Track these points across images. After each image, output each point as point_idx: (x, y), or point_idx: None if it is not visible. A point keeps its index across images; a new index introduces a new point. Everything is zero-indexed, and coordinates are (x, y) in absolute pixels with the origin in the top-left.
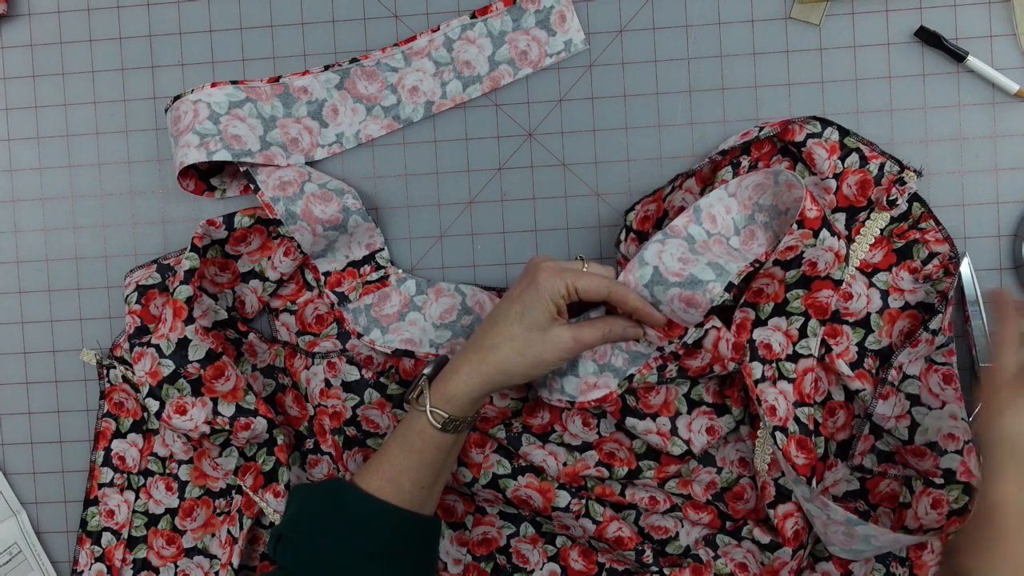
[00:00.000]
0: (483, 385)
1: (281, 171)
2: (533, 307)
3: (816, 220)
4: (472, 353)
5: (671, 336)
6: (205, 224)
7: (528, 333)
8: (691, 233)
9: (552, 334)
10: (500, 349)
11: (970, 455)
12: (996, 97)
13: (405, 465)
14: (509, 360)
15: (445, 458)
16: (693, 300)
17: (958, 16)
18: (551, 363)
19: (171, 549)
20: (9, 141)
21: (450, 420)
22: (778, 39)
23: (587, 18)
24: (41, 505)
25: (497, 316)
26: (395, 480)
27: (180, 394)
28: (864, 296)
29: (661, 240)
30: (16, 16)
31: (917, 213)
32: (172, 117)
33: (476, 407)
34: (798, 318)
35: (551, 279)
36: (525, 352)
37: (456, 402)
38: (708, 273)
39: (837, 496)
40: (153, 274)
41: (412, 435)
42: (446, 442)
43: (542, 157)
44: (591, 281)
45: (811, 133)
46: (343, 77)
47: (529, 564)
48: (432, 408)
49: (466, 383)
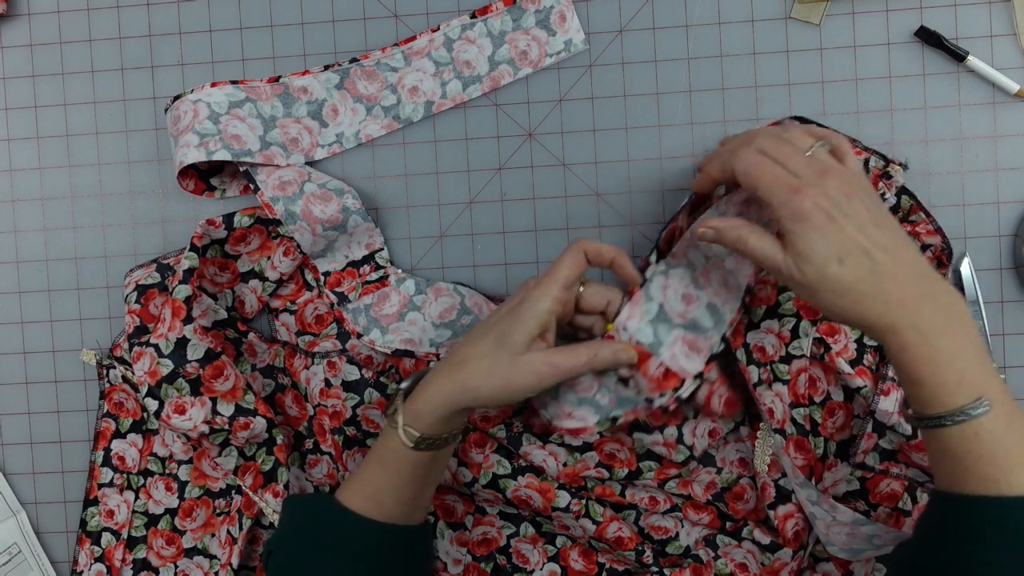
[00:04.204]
0: (448, 403)
1: (281, 171)
2: (513, 325)
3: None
4: (443, 367)
5: (664, 388)
6: (205, 224)
7: (499, 352)
8: (691, 260)
9: (524, 358)
10: (468, 366)
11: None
12: (996, 97)
13: (384, 484)
14: (475, 379)
15: (425, 475)
16: (696, 345)
17: (958, 16)
18: (522, 389)
19: (171, 549)
20: (9, 141)
21: (422, 439)
22: (778, 39)
23: (587, 18)
24: (41, 505)
25: (476, 330)
26: (375, 498)
27: (179, 394)
28: None
29: (665, 272)
30: (16, 16)
31: (907, 206)
32: (172, 117)
33: (451, 425)
34: (790, 319)
35: (540, 296)
36: (493, 372)
37: (424, 420)
38: (707, 319)
39: (837, 496)
40: (153, 273)
41: (388, 453)
42: (423, 460)
43: (542, 157)
44: (567, 264)
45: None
46: (343, 77)
47: (529, 564)
48: (405, 426)
49: (432, 400)
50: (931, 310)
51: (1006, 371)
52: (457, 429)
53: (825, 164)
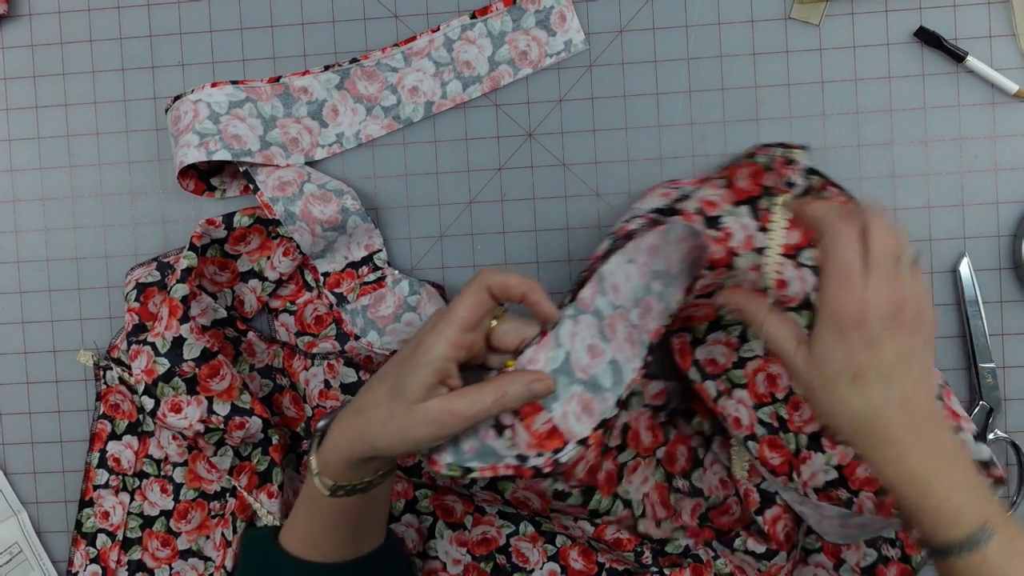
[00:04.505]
0: (350, 452)
1: (280, 171)
2: (406, 373)
3: (724, 258)
4: (346, 413)
5: (544, 448)
6: (204, 223)
7: (393, 402)
8: (599, 307)
9: (422, 408)
10: (365, 415)
11: (949, 397)
12: (996, 97)
13: (315, 529)
14: (372, 430)
15: (357, 517)
16: (590, 406)
17: (958, 16)
18: (422, 440)
19: (166, 551)
20: (10, 141)
21: (337, 487)
22: (778, 39)
23: (587, 18)
24: (42, 505)
25: (377, 373)
26: (311, 542)
27: (175, 392)
28: (797, 278)
29: (574, 317)
30: (17, 16)
31: (817, 184)
32: (172, 117)
33: (365, 473)
34: (735, 327)
35: (434, 342)
36: (387, 423)
37: (333, 468)
38: (607, 378)
39: (817, 488)
40: (153, 272)
41: (311, 500)
42: (349, 505)
43: (542, 157)
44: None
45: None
46: (343, 77)
47: (529, 564)
48: (318, 473)
49: (336, 449)
50: (924, 453)
51: (1006, 371)
52: (380, 473)
53: (910, 294)
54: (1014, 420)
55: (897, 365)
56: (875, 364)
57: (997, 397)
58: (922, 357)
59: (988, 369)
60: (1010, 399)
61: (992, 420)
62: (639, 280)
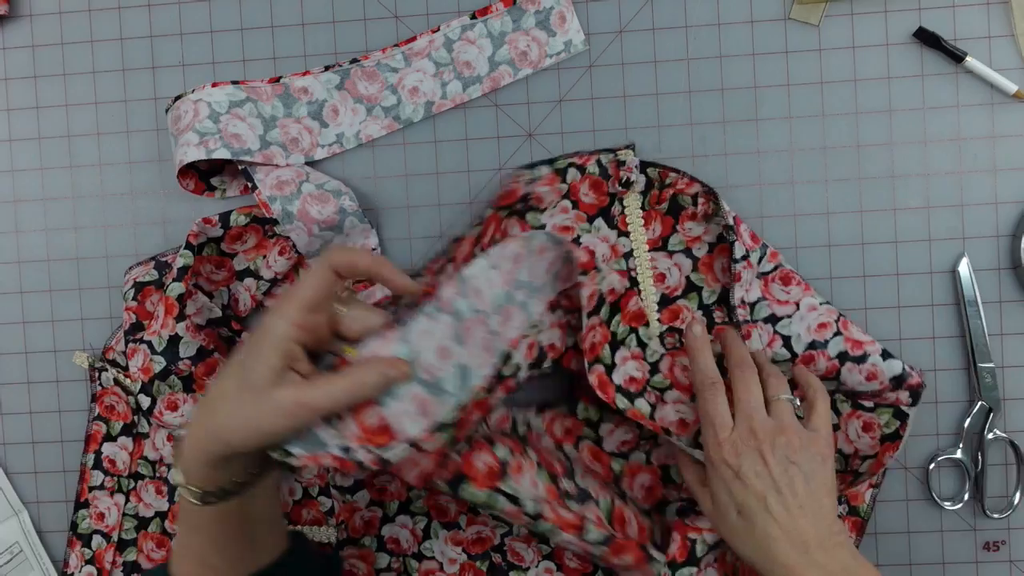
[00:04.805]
0: (206, 453)
1: (279, 170)
2: (251, 359)
3: (590, 261)
4: (198, 410)
5: (372, 443)
6: (201, 222)
7: (242, 392)
8: (458, 308)
9: (271, 397)
10: (215, 409)
11: (846, 327)
12: (995, 98)
13: (201, 547)
14: (222, 425)
15: (243, 526)
16: (427, 407)
17: (957, 17)
18: (274, 434)
19: (161, 552)
20: (11, 142)
21: (206, 493)
22: (778, 39)
23: (587, 19)
24: (42, 505)
25: (227, 364)
26: (203, 562)
27: (172, 390)
28: (673, 266)
29: (432, 315)
30: (18, 17)
31: (656, 176)
32: (172, 117)
33: (233, 473)
34: (631, 338)
35: (275, 321)
36: (237, 416)
37: (195, 473)
38: (451, 382)
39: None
40: (151, 271)
41: (186, 513)
42: (227, 512)
43: (542, 157)
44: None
45: (528, 180)
46: (343, 77)
47: (524, 562)
48: (184, 483)
49: (192, 451)
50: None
51: (1005, 371)
52: (251, 473)
53: (782, 423)
54: (1013, 420)
55: (775, 495)
56: (752, 494)
57: (996, 397)
58: (811, 478)
59: (987, 369)
60: (1009, 399)
61: (991, 420)
62: (501, 287)
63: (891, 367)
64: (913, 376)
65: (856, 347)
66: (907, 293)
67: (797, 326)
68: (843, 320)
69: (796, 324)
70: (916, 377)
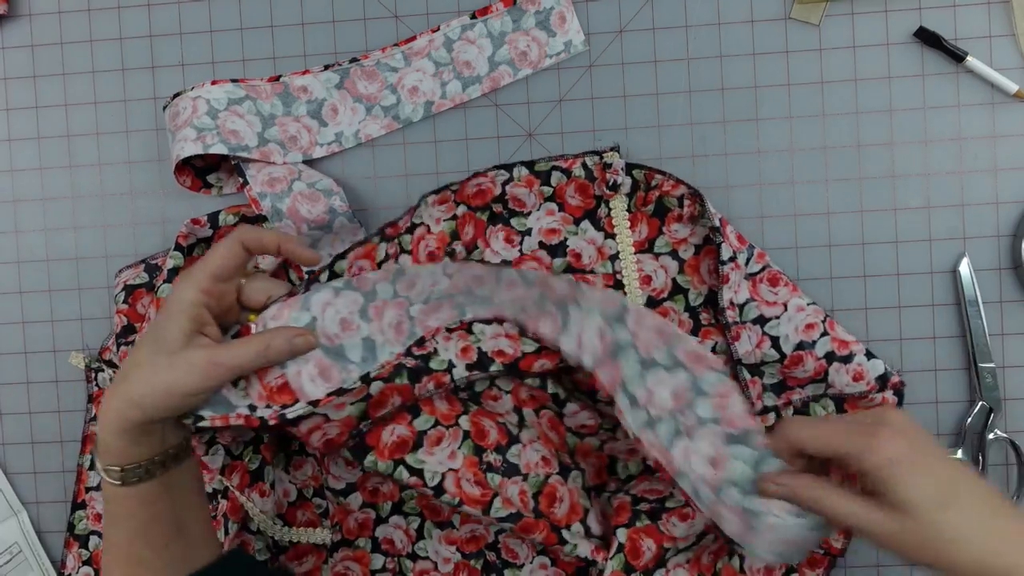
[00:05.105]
0: (121, 423)
1: (271, 167)
2: (163, 324)
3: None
4: (113, 384)
5: (273, 401)
6: (189, 223)
7: (156, 356)
8: (377, 291)
9: (183, 357)
10: (130, 376)
11: (832, 327)
12: (995, 97)
13: (127, 540)
14: (138, 389)
15: (169, 507)
16: (328, 372)
17: (957, 16)
18: (188, 392)
19: None
20: (10, 141)
21: (125, 471)
22: (778, 39)
23: (587, 19)
24: (42, 505)
25: (139, 335)
26: (132, 559)
27: None
28: (659, 268)
29: (338, 289)
30: (17, 17)
31: (641, 177)
32: (170, 113)
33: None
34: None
35: (185, 287)
36: (151, 380)
37: (112, 449)
38: (356, 352)
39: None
40: (141, 274)
41: (110, 503)
42: (151, 494)
43: (542, 157)
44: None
45: (504, 181)
46: (343, 77)
47: (519, 559)
48: (102, 465)
49: (107, 424)
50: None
51: (1005, 371)
52: (169, 449)
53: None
54: (1014, 420)
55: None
56: (950, 474)
57: (997, 397)
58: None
59: (988, 369)
60: (1010, 399)
61: (992, 420)
62: (445, 289)
63: (875, 367)
64: (895, 377)
65: (842, 347)
66: (907, 293)
67: (785, 327)
68: (829, 320)
69: (784, 325)
70: (897, 378)
